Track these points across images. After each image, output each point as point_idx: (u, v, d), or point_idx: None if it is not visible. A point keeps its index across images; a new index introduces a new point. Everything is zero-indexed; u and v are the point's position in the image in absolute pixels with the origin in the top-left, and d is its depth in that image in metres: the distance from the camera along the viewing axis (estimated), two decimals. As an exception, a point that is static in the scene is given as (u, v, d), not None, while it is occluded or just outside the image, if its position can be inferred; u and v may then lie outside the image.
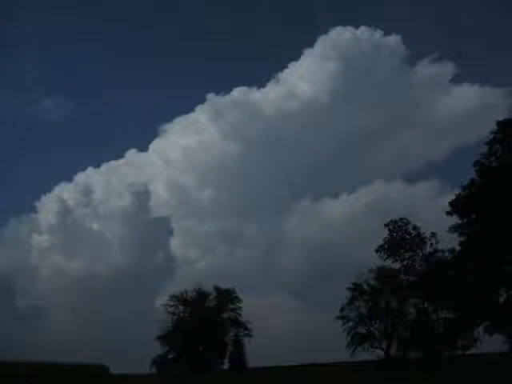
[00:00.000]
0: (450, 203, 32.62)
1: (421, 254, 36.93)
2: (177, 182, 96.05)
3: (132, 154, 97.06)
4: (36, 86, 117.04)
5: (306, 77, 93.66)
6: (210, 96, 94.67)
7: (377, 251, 37.75)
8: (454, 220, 32.31)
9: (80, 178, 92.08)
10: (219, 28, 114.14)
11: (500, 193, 29.69)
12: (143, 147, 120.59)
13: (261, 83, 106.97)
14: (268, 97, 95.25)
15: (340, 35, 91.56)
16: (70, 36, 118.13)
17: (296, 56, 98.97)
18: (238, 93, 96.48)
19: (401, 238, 37.44)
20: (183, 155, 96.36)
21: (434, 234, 36.90)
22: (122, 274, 77.86)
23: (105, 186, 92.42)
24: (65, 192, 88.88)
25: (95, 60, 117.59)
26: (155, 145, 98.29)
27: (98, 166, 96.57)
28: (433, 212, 59.51)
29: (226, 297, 49.89)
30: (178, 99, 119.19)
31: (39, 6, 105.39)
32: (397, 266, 37.95)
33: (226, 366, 49.44)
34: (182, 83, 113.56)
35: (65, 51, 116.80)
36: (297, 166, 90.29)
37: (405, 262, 37.26)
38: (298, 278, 74.69)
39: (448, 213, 32.55)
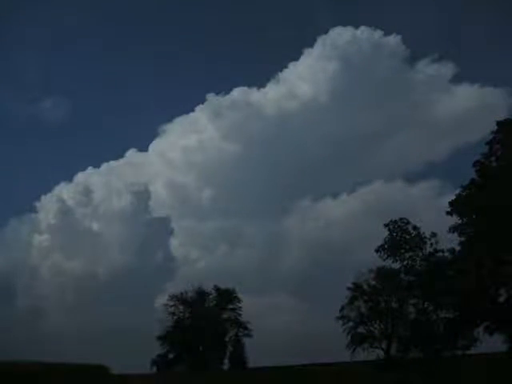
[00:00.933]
0: (450, 203, 32.65)
1: (421, 254, 36.92)
2: (177, 182, 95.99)
3: (132, 153, 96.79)
4: (36, 86, 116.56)
5: (306, 77, 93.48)
6: (210, 96, 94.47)
7: (377, 251, 37.73)
8: (454, 220, 32.35)
9: (80, 178, 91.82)
10: (219, 28, 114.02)
11: (500, 193, 29.69)
12: (143, 147, 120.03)
13: (261, 83, 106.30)
14: (268, 97, 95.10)
15: (340, 35, 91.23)
16: (70, 36, 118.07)
17: (296, 56, 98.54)
18: (237, 93, 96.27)
19: (401, 237, 37.44)
20: (183, 155, 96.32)
21: (434, 234, 36.91)
22: (121, 273, 77.68)
23: (105, 186, 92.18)
24: (65, 192, 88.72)
25: (95, 60, 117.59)
26: (155, 145, 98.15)
27: (98, 166, 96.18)
28: (433, 212, 59.48)
29: (226, 297, 49.86)
30: (178, 99, 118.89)
31: (39, 5, 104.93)
32: (397, 266, 37.96)
33: (226, 366, 49.44)
34: (182, 83, 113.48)
35: (65, 51, 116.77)
36: (297, 165, 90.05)
37: (405, 262, 37.24)
38: (298, 277, 74.57)
39: (448, 213, 32.57)
